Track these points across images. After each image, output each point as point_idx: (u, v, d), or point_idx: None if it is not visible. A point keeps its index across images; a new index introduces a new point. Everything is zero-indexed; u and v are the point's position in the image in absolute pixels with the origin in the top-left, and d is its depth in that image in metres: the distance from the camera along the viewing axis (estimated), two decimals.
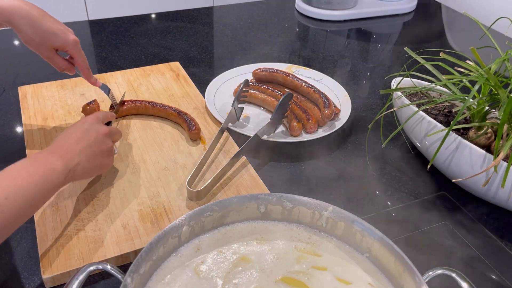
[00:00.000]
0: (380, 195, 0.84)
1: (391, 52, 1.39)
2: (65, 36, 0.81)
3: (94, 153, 0.70)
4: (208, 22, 1.49)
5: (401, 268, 0.55)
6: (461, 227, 0.77)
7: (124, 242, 0.69)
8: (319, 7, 1.53)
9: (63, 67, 0.85)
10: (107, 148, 0.73)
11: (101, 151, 0.72)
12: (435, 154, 0.75)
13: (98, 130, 0.73)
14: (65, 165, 0.64)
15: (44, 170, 0.61)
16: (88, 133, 0.71)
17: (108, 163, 0.75)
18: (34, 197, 0.59)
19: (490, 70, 0.76)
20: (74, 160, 0.66)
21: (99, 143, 0.72)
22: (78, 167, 0.67)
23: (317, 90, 1.00)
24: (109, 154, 0.74)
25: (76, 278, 0.52)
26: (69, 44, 0.81)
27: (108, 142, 0.74)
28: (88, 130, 0.72)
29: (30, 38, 0.78)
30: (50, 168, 0.62)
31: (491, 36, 0.83)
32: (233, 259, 0.60)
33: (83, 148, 0.69)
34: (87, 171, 0.70)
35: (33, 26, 0.77)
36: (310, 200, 0.63)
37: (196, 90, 1.07)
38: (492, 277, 0.69)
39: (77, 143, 0.69)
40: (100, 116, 0.77)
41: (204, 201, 0.77)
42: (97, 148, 0.71)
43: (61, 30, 0.80)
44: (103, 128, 0.74)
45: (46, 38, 0.79)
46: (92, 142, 0.70)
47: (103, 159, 0.73)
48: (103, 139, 0.73)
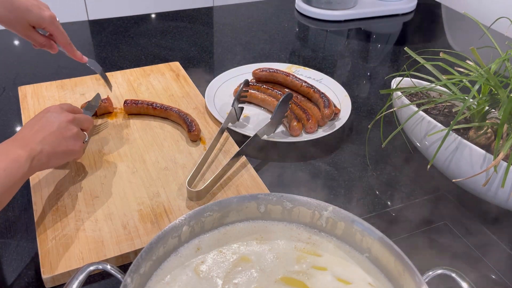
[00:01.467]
0: (380, 195, 0.84)
1: (391, 52, 1.39)
2: (39, 11, 0.79)
3: (57, 139, 0.70)
4: (208, 22, 1.49)
5: (401, 268, 0.55)
6: (461, 227, 0.77)
7: (124, 242, 0.69)
8: (319, 7, 1.53)
9: (43, 43, 0.84)
10: (71, 134, 0.73)
11: (65, 137, 0.71)
12: (435, 154, 0.75)
13: (60, 118, 0.72)
14: (28, 154, 0.64)
15: (7, 160, 0.61)
16: (48, 121, 0.71)
17: (75, 149, 0.74)
18: (3, 184, 0.59)
19: (490, 70, 0.76)
20: (37, 148, 0.66)
21: (62, 129, 0.71)
22: (42, 154, 0.66)
23: (317, 90, 1.00)
24: (76, 140, 0.74)
25: (76, 278, 0.52)
26: (45, 20, 0.80)
27: (72, 128, 0.73)
28: (49, 118, 0.71)
29: (4, 17, 0.77)
30: (13, 158, 0.62)
31: (491, 36, 0.83)
32: (233, 259, 0.60)
33: (45, 135, 0.68)
34: (53, 158, 0.69)
35: (5, 3, 0.76)
36: (310, 200, 0.63)
37: (196, 90, 1.07)
38: (492, 277, 0.69)
39: (38, 132, 0.68)
40: (64, 107, 0.77)
41: (204, 201, 0.77)
42: (59, 134, 0.70)
43: (35, 5, 0.79)
44: (65, 115, 0.73)
45: (20, 15, 0.77)
46: (55, 129, 0.70)
47: (69, 144, 0.72)
48: (66, 125, 0.72)
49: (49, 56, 1.21)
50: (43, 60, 1.20)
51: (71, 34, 1.34)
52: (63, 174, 0.81)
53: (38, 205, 0.74)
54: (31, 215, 0.73)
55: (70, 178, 0.80)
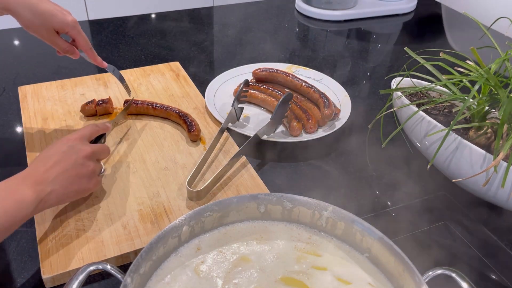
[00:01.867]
0: (380, 195, 0.84)
1: (391, 52, 1.39)
2: (63, 17, 0.80)
3: (71, 178, 0.66)
4: (208, 22, 1.49)
5: (401, 268, 0.55)
6: (461, 227, 0.77)
7: (124, 242, 0.69)
8: (319, 7, 1.53)
9: (66, 49, 0.85)
10: (87, 172, 0.68)
11: (79, 175, 0.67)
12: (435, 154, 0.75)
13: (78, 152, 0.68)
14: (36, 195, 0.60)
15: (12, 201, 0.58)
16: (65, 156, 0.66)
17: (88, 187, 0.70)
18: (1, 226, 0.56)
19: (490, 70, 0.76)
20: (46, 189, 0.62)
21: (78, 167, 0.67)
22: (51, 196, 0.63)
23: (317, 90, 1.00)
24: (90, 177, 0.70)
25: (76, 278, 0.52)
26: (68, 25, 0.81)
27: (88, 165, 0.69)
28: (66, 153, 0.67)
29: (29, 21, 0.78)
30: (19, 198, 0.59)
31: (491, 36, 0.83)
32: (233, 259, 0.60)
33: (58, 173, 0.64)
34: (62, 199, 0.66)
35: (31, 8, 0.77)
36: (310, 200, 0.63)
37: (196, 90, 1.07)
38: (492, 277, 0.69)
39: (51, 168, 0.64)
40: (86, 134, 0.73)
41: (204, 201, 0.77)
42: (74, 172, 0.66)
43: (59, 10, 0.80)
44: (84, 149, 0.69)
45: (45, 19, 0.78)
46: (70, 166, 0.66)
47: (82, 183, 0.68)
48: (83, 162, 0.68)
49: (49, 56, 1.22)
50: (43, 60, 1.20)
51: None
52: None
53: None
54: None
55: None
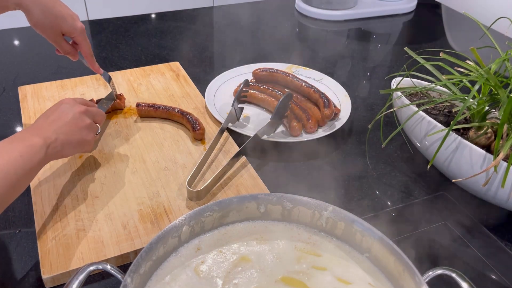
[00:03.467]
0: (380, 195, 0.84)
1: (391, 52, 1.39)
2: (73, 22, 0.83)
3: (72, 129, 0.72)
4: (208, 22, 1.49)
5: (401, 268, 0.55)
6: (461, 227, 0.77)
7: (124, 242, 0.69)
8: (319, 7, 1.53)
9: (68, 50, 0.87)
10: (85, 125, 0.75)
11: (79, 128, 0.73)
12: (435, 154, 0.75)
13: (74, 109, 0.74)
14: (43, 141, 0.66)
15: (23, 147, 0.63)
16: (63, 113, 0.73)
17: (88, 139, 0.76)
18: (18, 174, 0.60)
19: (490, 70, 0.76)
20: (51, 137, 0.68)
21: (76, 120, 0.73)
22: (57, 143, 0.68)
23: (317, 90, 1.00)
24: (89, 130, 0.76)
25: (76, 278, 0.52)
26: (76, 30, 0.84)
27: (85, 119, 0.75)
28: (63, 110, 0.73)
29: (39, 21, 0.80)
30: (28, 144, 0.64)
31: (491, 36, 0.83)
32: (233, 259, 0.60)
33: (60, 125, 0.71)
34: (67, 147, 0.71)
35: (44, 9, 0.79)
36: (310, 200, 0.63)
37: (196, 90, 1.07)
38: (492, 277, 0.69)
39: (53, 122, 0.71)
40: (77, 100, 0.79)
41: (204, 201, 0.78)
42: (74, 125, 0.73)
43: (70, 15, 0.83)
44: (78, 106, 0.76)
45: (55, 22, 0.81)
46: (69, 120, 0.72)
47: (82, 134, 0.74)
48: (79, 116, 0.74)
49: (49, 56, 1.22)
50: (43, 60, 1.20)
51: None
52: (63, 174, 0.81)
53: (38, 205, 0.74)
54: (31, 215, 0.73)
55: (70, 178, 0.80)
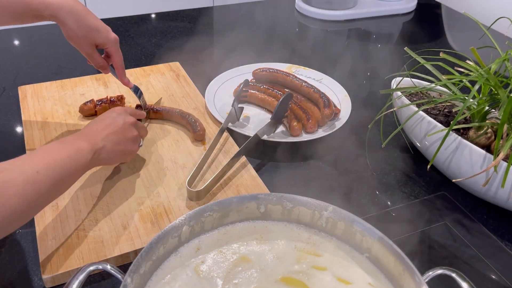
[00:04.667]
0: (380, 195, 0.84)
1: (391, 52, 1.39)
2: (107, 33, 0.84)
3: (119, 139, 0.74)
4: (208, 22, 1.49)
5: (401, 268, 0.55)
6: (461, 227, 0.77)
7: (124, 242, 0.69)
8: (319, 7, 1.53)
9: (101, 64, 0.87)
10: (132, 136, 0.77)
11: (126, 138, 0.75)
12: (435, 154, 0.75)
13: (125, 119, 0.76)
14: (91, 147, 0.68)
15: (72, 149, 0.65)
16: (115, 121, 0.75)
17: (132, 150, 0.78)
18: (63, 173, 0.62)
19: (490, 70, 0.76)
20: (99, 144, 0.70)
21: (125, 130, 0.75)
22: (103, 150, 0.70)
23: (317, 90, 1.00)
24: (134, 142, 0.78)
25: (76, 278, 0.52)
26: (110, 41, 0.85)
27: (133, 131, 0.77)
28: (115, 118, 0.75)
29: (74, 33, 0.80)
30: (77, 147, 0.66)
31: (491, 36, 0.83)
32: (233, 259, 0.60)
33: (108, 133, 0.72)
34: (112, 155, 0.73)
35: (78, 21, 0.80)
36: (310, 200, 0.63)
37: (196, 90, 1.07)
38: (492, 277, 0.69)
39: (103, 129, 0.73)
40: (128, 110, 0.81)
41: (204, 201, 0.77)
42: (122, 134, 0.74)
43: (104, 27, 0.84)
44: (129, 118, 0.78)
45: (90, 34, 0.81)
46: (119, 129, 0.74)
47: (128, 145, 0.76)
48: (129, 127, 0.76)
49: (49, 56, 1.22)
50: (43, 60, 1.20)
51: None
52: None
53: None
54: None
55: None
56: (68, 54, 1.23)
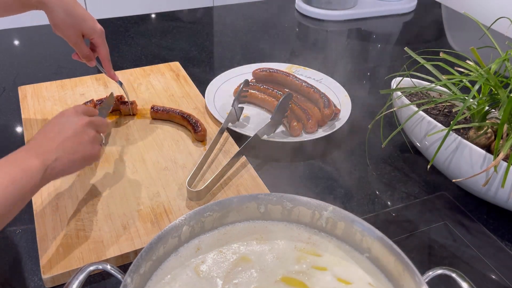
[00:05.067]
0: (380, 195, 0.84)
1: (391, 52, 1.39)
2: (94, 24, 0.84)
3: (74, 145, 0.66)
4: (208, 22, 1.49)
5: (401, 268, 0.55)
6: (461, 227, 0.77)
7: (124, 242, 0.69)
8: (319, 7, 1.53)
9: (86, 53, 0.87)
10: (88, 138, 0.69)
11: (82, 142, 0.68)
12: (435, 154, 0.75)
13: (76, 122, 0.69)
14: (42, 163, 0.61)
15: (17, 171, 0.58)
16: (64, 126, 0.68)
17: (93, 153, 0.70)
18: (7, 202, 0.55)
19: (490, 70, 0.76)
20: (51, 157, 0.62)
21: (79, 134, 0.68)
22: (57, 163, 0.63)
23: (317, 90, 1.00)
24: (93, 144, 0.70)
25: (76, 278, 0.52)
26: (96, 32, 0.85)
27: (89, 132, 0.70)
28: (65, 123, 0.68)
29: (60, 20, 0.81)
30: (24, 167, 0.59)
31: (491, 36, 0.83)
32: (233, 259, 0.60)
33: (60, 142, 0.65)
34: (69, 165, 0.66)
35: (66, 9, 0.80)
36: (310, 200, 0.63)
37: (196, 90, 1.07)
38: (492, 277, 0.69)
39: (54, 138, 0.65)
40: (79, 110, 0.73)
41: (204, 201, 0.78)
42: (76, 140, 0.67)
43: (90, 17, 0.84)
44: (81, 119, 0.70)
45: (77, 23, 0.82)
46: (71, 135, 0.67)
47: (86, 150, 0.68)
48: (83, 129, 0.69)
49: (49, 56, 1.22)
50: (43, 60, 1.20)
51: None
52: None
53: (38, 205, 0.74)
54: (31, 215, 0.73)
55: (70, 178, 0.80)
56: (68, 54, 1.22)
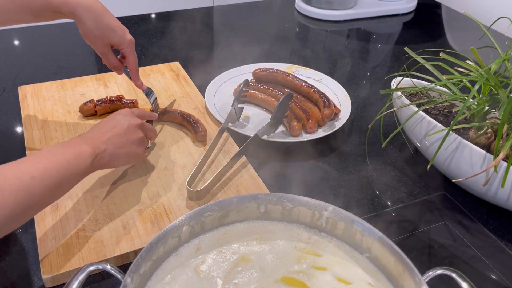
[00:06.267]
0: (380, 195, 0.84)
1: (391, 52, 1.39)
2: (123, 34, 0.83)
3: (123, 141, 0.72)
4: (208, 22, 1.49)
5: (401, 268, 0.55)
6: (461, 227, 0.77)
7: (124, 242, 0.69)
8: (319, 7, 1.53)
9: (115, 64, 0.87)
10: (137, 138, 0.75)
11: (130, 140, 0.73)
12: (435, 154, 0.75)
13: (130, 121, 0.75)
14: (92, 151, 0.66)
15: (71, 153, 0.63)
16: (119, 123, 0.73)
17: (138, 152, 0.76)
18: (60, 179, 0.60)
19: (490, 70, 0.76)
20: (101, 147, 0.68)
21: (129, 132, 0.73)
22: (105, 153, 0.68)
23: (317, 90, 1.00)
24: (140, 144, 0.76)
25: (76, 278, 0.52)
26: (125, 42, 0.84)
27: (138, 133, 0.75)
28: (120, 120, 0.74)
29: (90, 32, 0.80)
30: (77, 152, 0.64)
31: (491, 36, 0.83)
32: (233, 259, 0.60)
33: (111, 136, 0.71)
34: (115, 158, 0.71)
35: (96, 20, 0.79)
36: (310, 200, 0.63)
37: (196, 90, 1.07)
38: (492, 277, 0.69)
39: (106, 132, 0.71)
40: (135, 111, 0.79)
41: (204, 201, 0.78)
42: (126, 137, 0.73)
43: (120, 27, 0.83)
44: (134, 119, 0.76)
45: (106, 33, 0.81)
46: (122, 132, 0.72)
47: (132, 147, 0.74)
48: (134, 129, 0.74)
49: (49, 56, 1.22)
50: (43, 60, 1.20)
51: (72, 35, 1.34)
52: None
53: None
54: None
55: None
56: (68, 54, 1.23)
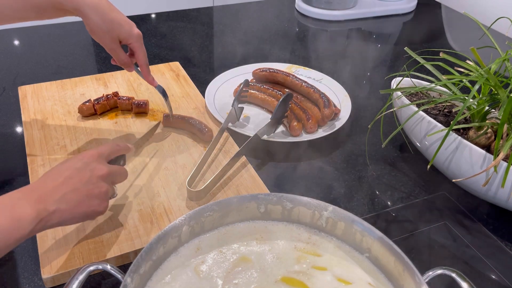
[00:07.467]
0: (380, 195, 0.84)
1: (391, 52, 1.39)
2: (130, 28, 0.81)
3: (80, 198, 0.60)
4: (208, 22, 1.49)
5: (401, 268, 0.55)
6: (461, 227, 0.78)
7: (124, 242, 0.69)
8: (319, 7, 1.53)
9: (124, 60, 0.85)
10: (99, 193, 0.62)
11: (90, 196, 0.61)
12: (435, 154, 0.75)
13: (93, 170, 0.62)
14: (36, 214, 0.54)
15: (11, 217, 0.52)
16: (78, 173, 0.61)
17: (97, 210, 0.62)
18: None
19: (490, 70, 0.76)
20: (49, 208, 0.56)
21: (90, 186, 0.61)
22: (54, 216, 0.56)
23: (317, 90, 1.00)
24: (102, 200, 0.63)
25: (76, 278, 0.52)
26: (133, 36, 0.82)
27: (101, 186, 0.63)
28: (80, 169, 0.61)
29: (97, 27, 0.79)
30: (17, 216, 0.53)
31: (491, 36, 0.83)
32: (233, 259, 0.60)
33: (66, 192, 0.58)
34: (65, 220, 0.59)
35: (101, 14, 0.78)
36: (310, 200, 0.63)
37: (196, 90, 1.07)
38: (492, 277, 0.69)
39: (60, 186, 0.58)
40: (105, 152, 0.67)
41: (204, 201, 0.78)
42: (85, 191, 0.60)
43: (127, 21, 0.81)
44: (100, 168, 0.63)
45: (112, 28, 0.79)
46: (81, 185, 0.60)
47: (91, 205, 0.61)
48: (96, 181, 0.62)
49: (49, 56, 1.22)
50: (43, 60, 1.20)
51: (72, 35, 1.34)
52: None
53: None
54: None
55: None
56: (68, 54, 1.23)
